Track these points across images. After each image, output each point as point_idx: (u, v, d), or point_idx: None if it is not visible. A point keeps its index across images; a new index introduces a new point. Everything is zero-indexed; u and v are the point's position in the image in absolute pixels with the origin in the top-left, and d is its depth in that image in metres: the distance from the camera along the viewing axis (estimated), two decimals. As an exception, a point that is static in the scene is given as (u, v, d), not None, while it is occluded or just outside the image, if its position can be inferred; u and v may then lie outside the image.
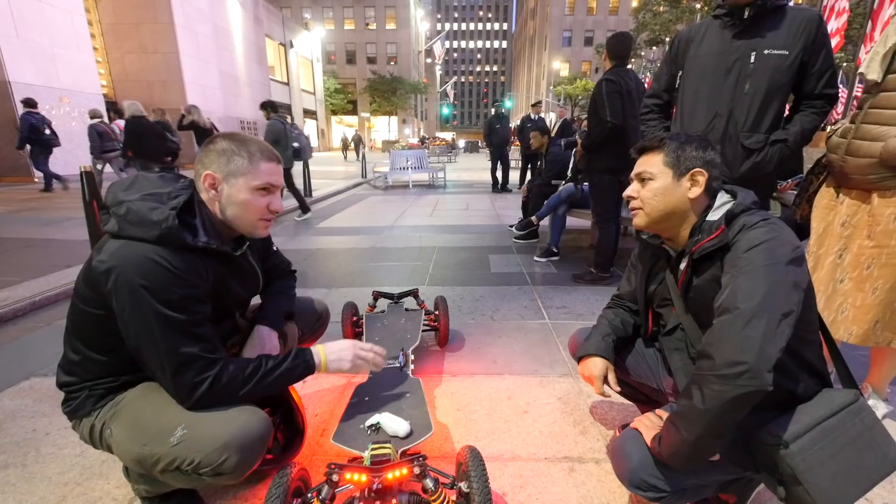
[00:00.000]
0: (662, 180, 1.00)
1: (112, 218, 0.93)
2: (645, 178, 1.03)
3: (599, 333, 1.25)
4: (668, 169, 1.00)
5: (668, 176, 1.00)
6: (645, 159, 1.05)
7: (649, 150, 1.05)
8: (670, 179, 1.00)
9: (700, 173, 0.98)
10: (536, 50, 52.48)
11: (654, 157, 1.03)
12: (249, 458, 0.96)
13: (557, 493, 1.25)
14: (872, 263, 1.37)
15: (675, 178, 1.00)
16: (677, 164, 1.00)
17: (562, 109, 9.45)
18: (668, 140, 1.02)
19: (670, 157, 1.00)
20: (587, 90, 32.00)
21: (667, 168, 1.00)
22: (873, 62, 1.35)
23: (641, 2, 23.53)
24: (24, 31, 8.46)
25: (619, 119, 2.74)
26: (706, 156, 0.99)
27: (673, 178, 1.00)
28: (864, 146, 1.37)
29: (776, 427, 0.86)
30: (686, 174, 0.99)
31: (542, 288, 3.03)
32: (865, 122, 1.38)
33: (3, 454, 1.39)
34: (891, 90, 1.32)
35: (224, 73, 15.83)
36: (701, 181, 0.98)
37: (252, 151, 1.04)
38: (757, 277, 0.83)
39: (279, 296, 1.38)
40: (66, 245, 3.98)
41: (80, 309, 0.97)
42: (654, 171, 1.02)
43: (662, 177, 1.00)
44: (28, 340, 2.26)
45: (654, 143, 1.04)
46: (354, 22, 41.52)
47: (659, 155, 1.02)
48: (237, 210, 1.05)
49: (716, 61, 1.71)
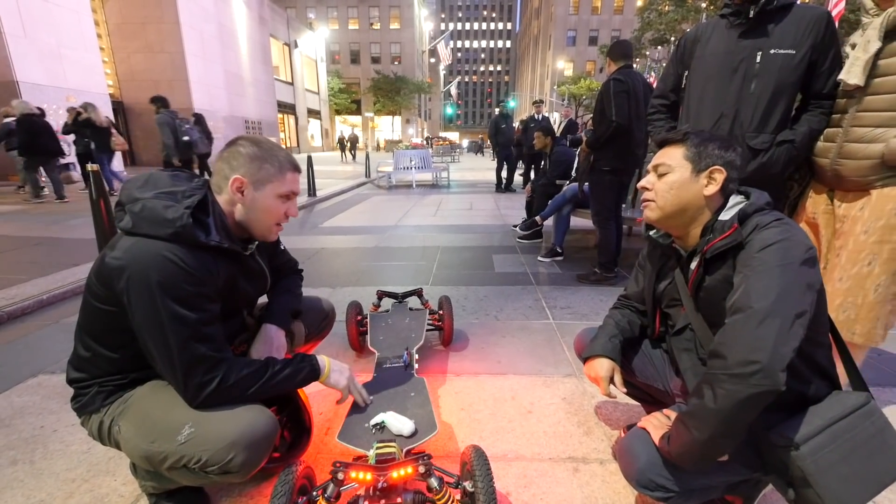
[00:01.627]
0: (680, 174, 0.99)
1: (126, 215, 0.94)
2: (662, 171, 1.02)
3: (606, 334, 1.24)
4: (688, 163, 0.99)
5: (686, 170, 0.99)
6: (665, 152, 1.04)
7: (671, 143, 1.04)
8: (688, 174, 0.99)
9: (719, 171, 0.97)
10: (540, 50, 52.39)
11: (674, 150, 1.02)
12: (256, 456, 0.97)
13: (562, 493, 1.24)
14: (874, 260, 1.35)
15: (694, 173, 0.99)
16: (698, 160, 0.99)
17: (567, 109, 9.41)
18: (691, 135, 1.01)
19: (691, 152, 0.99)
20: (591, 90, 31.90)
21: (686, 162, 0.99)
22: (854, 67, 1.36)
23: (646, 1, 23.43)
24: (32, 31, 8.52)
25: (625, 119, 2.72)
26: (727, 156, 0.98)
27: (691, 173, 0.99)
28: (862, 149, 1.37)
29: (787, 429, 0.85)
30: (705, 171, 0.98)
31: (547, 288, 3.03)
32: (855, 126, 1.39)
33: (12, 450, 1.40)
34: (880, 93, 1.34)
35: (229, 73, 15.91)
36: (719, 179, 0.97)
37: (282, 161, 1.08)
38: (771, 277, 0.82)
39: (286, 294, 1.39)
40: (74, 243, 4.01)
41: (92, 305, 0.97)
42: (673, 164, 1.00)
43: (681, 170, 0.99)
44: (36, 338, 2.27)
45: (676, 137, 1.03)
46: (358, 22, 41.60)
47: (680, 148, 1.01)
48: (258, 214, 1.07)
49: (722, 61, 1.70)
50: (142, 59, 13.02)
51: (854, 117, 1.40)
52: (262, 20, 19.03)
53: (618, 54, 2.90)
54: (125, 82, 13.18)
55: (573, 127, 7.57)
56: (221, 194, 1.06)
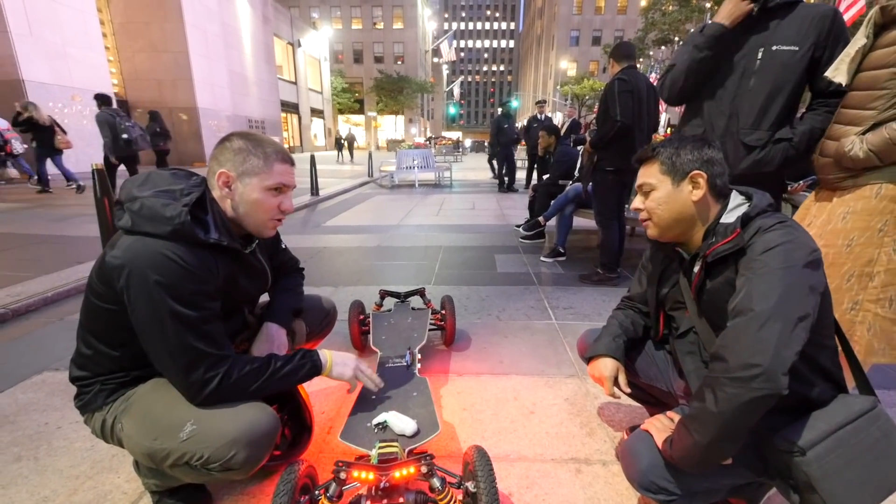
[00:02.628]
0: (663, 189, 1.01)
1: (126, 213, 0.94)
2: (647, 190, 1.05)
3: (610, 334, 1.24)
4: (666, 176, 1.01)
5: (667, 183, 1.01)
6: (644, 171, 1.07)
7: (646, 161, 1.06)
8: (670, 186, 1.00)
9: (699, 175, 0.98)
10: (544, 49, 52.29)
11: (650, 167, 1.04)
12: (258, 453, 0.97)
13: (564, 494, 1.24)
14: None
15: (675, 184, 1.00)
16: (673, 171, 1.00)
17: (570, 109, 9.41)
18: (661, 148, 1.03)
19: (666, 165, 1.01)
20: (594, 90, 31.83)
21: (664, 176, 1.01)
22: (842, 64, 1.35)
23: (650, 1, 23.33)
24: (38, 30, 8.58)
25: (629, 119, 2.72)
26: (703, 155, 0.99)
27: (672, 185, 1.00)
28: (828, 145, 1.37)
29: (791, 433, 0.84)
30: (685, 178, 0.99)
31: (549, 288, 3.02)
32: (836, 122, 1.39)
33: (16, 447, 1.41)
34: (857, 89, 1.32)
35: (233, 72, 15.96)
36: (702, 182, 0.98)
37: (268, 152, 1.05)
38: (772, 280, 0.81)
39: (287, 293, 1.39)
40: (78, 241, 4.03)
41: (93, 304, 0.97)
42: (654, 182, 1.03)
43: (662, 185, 1.01)
44: (40, 335, 2.29)
45: (647, 154, 1.05)
46: (362, 21, 41.64)
47: (655, 164, 1.03)
48: (249, 208, 1.06)
49: (723, 58, 1.69)
50: (146, 59, 13.08)
51: (837, 114, 1.39)
52: (265, 19, 19.08)
53: (621, 55, 2.90)
54: (130, 81, 13.25)
55: (576, 127, 7.55)
56: (213, 191, 1.05)
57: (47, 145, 6.77)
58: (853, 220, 1.30)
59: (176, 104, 13.39)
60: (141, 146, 6.27)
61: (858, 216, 1.29)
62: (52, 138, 6.77)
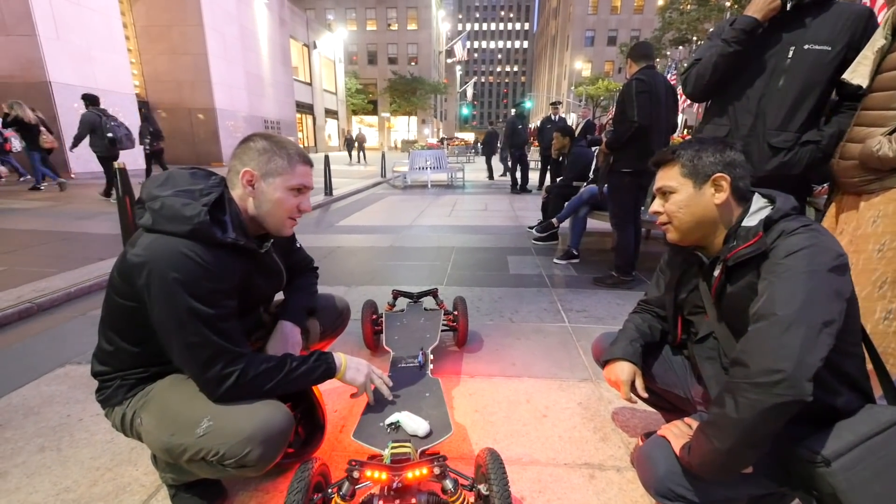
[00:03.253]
0: (684, 192, 0.99)
1: (147, 212, 0.96)
2: (666, 192, 1.02)
3: (627, 338, 1.22)
4: (687, 179, 0.98)
5: (688, 186, 0.98)
6: (663, 173, 1.04)
7: (665, 164, 1.03)
8: (692, 189, 0.98)
9: (722, 178, 0.96)
10: (558, 50, 51.90)
11: (670, 170, 1.02)
12: (272, 451, 0.98)
13: (577, 499, 1.22)
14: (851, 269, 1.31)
15: (697, 187, 0.97)
16: (695, 174, 0.98)
17: (585, 110, 9.33)
18: (681, 150, 1.00)
19: (687, 168, 0.98)
20: (609, 91, 31.46)
21: (686, 178, 0.99)
22: (861, 66, 1.31)
23: (668, 0, 22.98)
24: (65, 34, 8.85)
25: (646, 119, 2.68)
26: (725, 158, 0.96)
27: (694, 188, 0.98)
28: (850, 148, 1.34)
29: (815, 443, 0.82)
30: (707, 181, 0.97)
31: (562, 290, 2.99)
32: (857, 125, 1.35)
33: (40, 437, 1.45)
34: (877, 90, 1.29)
35: (250, 74, 16.23)
36: (724, 185, 0.96)
37: (291, 154, 1.09)
38: (796, 284, 0.79)
39: (302, 292, 1.40)
40: (100, 238, 4.14)
41: (114, 300, 1.00)
42: (674, 184, 1.00)
43: (683, 188, 0.99)
44: (64, 329, 2.36)
45: (667, 156, 1.02)
46: (377, 23, 41.95)
47: (675, 167, 1.00)
48: (270, 207, 1.08)
49: (752, 55, 1.64)
50: (167, 61, 13.38)
51: (858, 116, 1.36)
52: (282, 22, 19.35)
53: (639, 55, 2.86)
54: (151, 83, 13.57)
55: (591, 127, 7.47)
56: (235, 189, 1.08)
57: (34, 144, 6.90)
58: (884, 223, 1.25)
59: (194, 105, 13.66)
60: (125, 145, 6.38)
61: (890, 219, 1.24)
62: (38, 137, 6.88)
